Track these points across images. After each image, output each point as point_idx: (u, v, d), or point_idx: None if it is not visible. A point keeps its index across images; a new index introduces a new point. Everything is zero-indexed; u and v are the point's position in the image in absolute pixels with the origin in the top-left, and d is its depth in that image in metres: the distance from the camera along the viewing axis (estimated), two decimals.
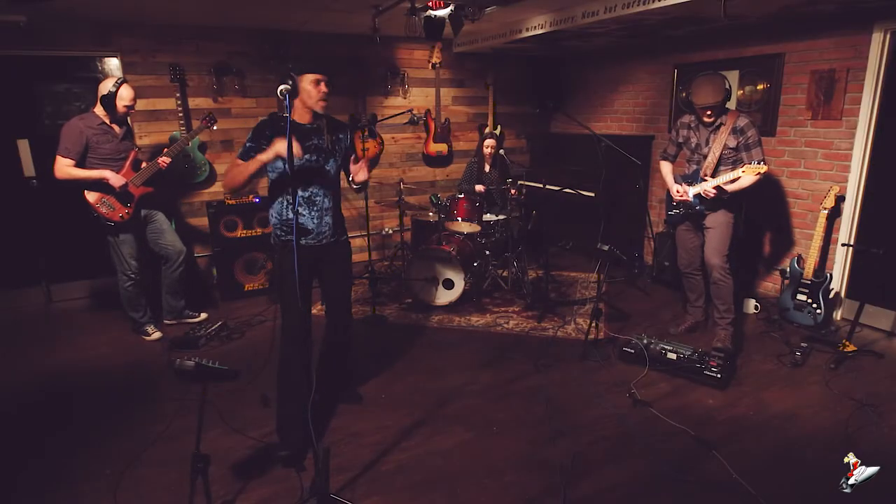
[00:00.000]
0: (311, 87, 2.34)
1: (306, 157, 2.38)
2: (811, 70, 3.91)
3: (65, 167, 3.31)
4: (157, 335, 3.79)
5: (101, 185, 3.42)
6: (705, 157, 3.31)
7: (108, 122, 3.44)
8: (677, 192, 3.42)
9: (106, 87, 3.36)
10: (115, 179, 3.40)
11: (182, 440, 2.55)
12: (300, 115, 2.41)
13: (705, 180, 3.28)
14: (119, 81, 3.37)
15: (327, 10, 4.04)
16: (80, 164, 3.35)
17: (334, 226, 2.55)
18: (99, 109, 3.42)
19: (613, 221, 4.75)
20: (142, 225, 3.70)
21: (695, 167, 3.39)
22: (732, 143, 3.21)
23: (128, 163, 3.51)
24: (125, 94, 3.39)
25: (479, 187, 4.73)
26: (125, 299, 3.74)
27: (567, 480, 2.30)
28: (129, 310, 3.78)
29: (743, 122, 3.19)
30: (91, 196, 3.43)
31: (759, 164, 3.08)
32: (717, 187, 3.20)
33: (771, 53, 4.15)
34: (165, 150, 3.70)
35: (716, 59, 4.54)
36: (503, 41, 4.93)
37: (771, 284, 4.41)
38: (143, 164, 3.61)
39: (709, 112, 3.21)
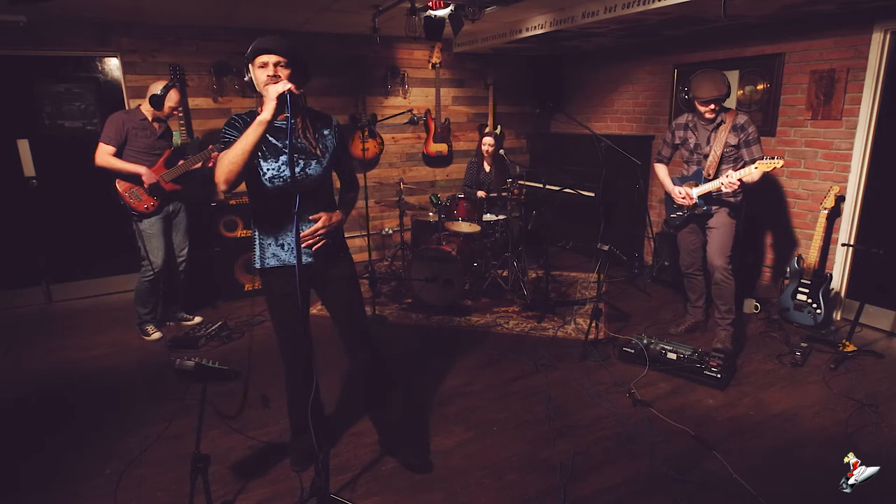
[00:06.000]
0: (258, 73, 1.94)
1: (282, 159, 2.01)
2: (811, 70, 3.91)
3: (105, 154, 3.48)
4: (156, 335, 3.79)
5: (133, 178, 3.56)
6: (705, 156, 3.30)
7: (149, 118, 3.61)
8: (680, 194, 3.40)
9: (156, 87, 3.56)
10: (148, 177, 3.54)
11: (182, 440, 2.56)
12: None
13: (709, 180, 3.28)
14: (169, 85, 3.57)
15: (327, 10, 4.04)
16: (117, 153, 3.52)
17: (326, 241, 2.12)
18: (145, 106, 3.60)
19: (613, 221, 4.76)
20: (170, 220, 3.78)
21: (695, 167, 3.37)
22: (734, 141, 3.21)
23: (161, 159, 3.63)
24: (173, 97, 3.61)
25: (481, 193, 4.73)
26: (138, 291, 3.78)
27: (567, 480, 2.30)
28: (138, 303, 3.79)
29: (742, 118, 3.20)
30: (121, 185, 3.55)
31: (772, 159, 3.05)
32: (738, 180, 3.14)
33: (771, 53, 4.15)
34: (211, 146, 3.77)
35: (716, 59, 4.55)
36: (503, 41, 4.93)
37: (771, 284, 4.40)
38: (181, 162, 3.68)
39: (712, 106, 3.16)
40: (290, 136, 1.78)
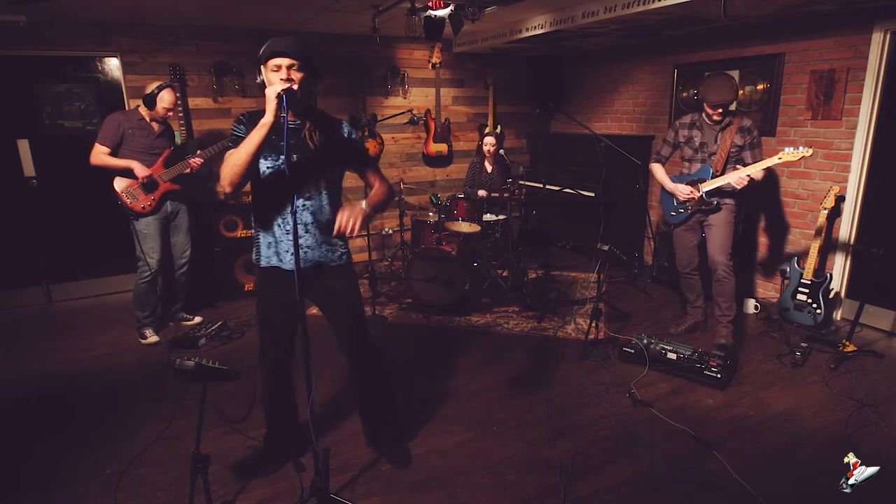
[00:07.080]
0: (271, 76, 1.90)
1: (283, 158, 1.91)
2: (811, 70, 3.91)
3: (99, 153, 3.51)
4: (152, 339, 3.75)
5: (129, 174, 3.56)
6: (711, 154, 3.35)
7: (147, 119, 3.62)
8: (684, 191, 3.42)
9: (150, 88, 3.56)
10: (140, 170, 3.54)
11: (182, 440, 2.56)
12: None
13: (716, 176, 3.31)
14: (162, 86, 3.56)
15: (327, 10, 4.04)
16: (114, 153, 3.53)
17: (321, 246, 2.09)
18: (142, 107, 3.61)
19: (613, 221, 4.76)
20: (168, 221, 3.77)
21: (699, 165, 3.41)
22: (740, 142, 3.28)
23: (160, 159, 3.64)
24: (166, 98, 3.58)
25: (482, 193, 4.73)
26: (136, 294, 3.76)
27: (567, 480, 2.30)
28: (136, 307, 3.77)
29: (748, 121, 3.29)
30: (119, 185, 3.55)
31: (796, 149, 3.07)
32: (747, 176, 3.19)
33: (771, 53, 4.15)
34: (199, 151, 3.74)
35: (716, 59, 4.54)
36: (503, 41, 4.93)
37: (771, 284, 4.40)
38: (180, 163, 3.68)
39: (720, 110, 3.26)
40: (285, 135, 1.77)
